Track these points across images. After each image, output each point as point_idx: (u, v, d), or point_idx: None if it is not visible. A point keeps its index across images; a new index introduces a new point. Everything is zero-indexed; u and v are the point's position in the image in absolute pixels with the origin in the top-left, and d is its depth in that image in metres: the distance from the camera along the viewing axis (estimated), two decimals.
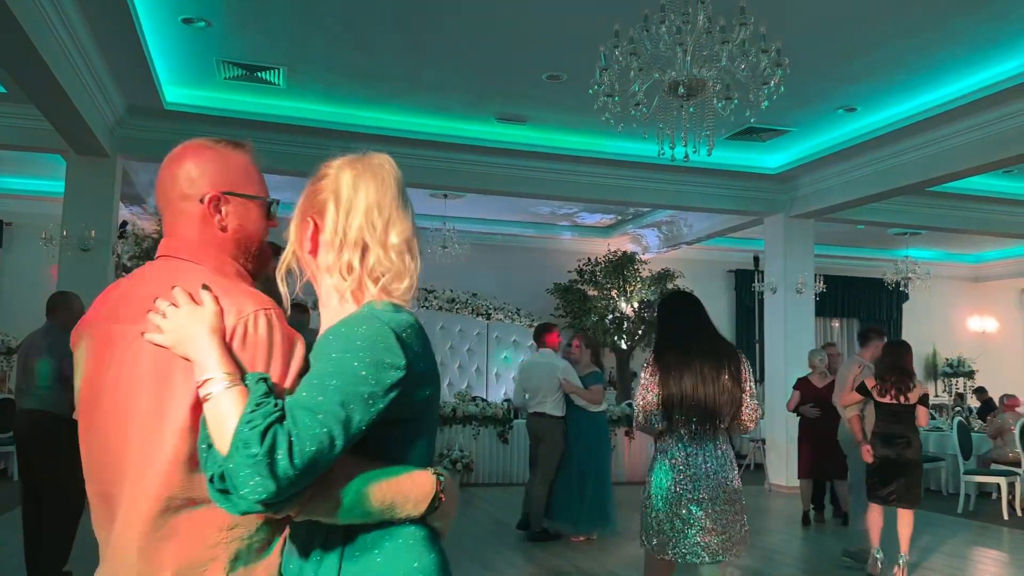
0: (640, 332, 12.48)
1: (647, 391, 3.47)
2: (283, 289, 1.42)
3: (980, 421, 10.43)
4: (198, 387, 1.27)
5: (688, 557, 3.34)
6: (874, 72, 6.71)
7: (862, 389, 5.61)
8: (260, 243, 1.52)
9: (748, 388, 3.45)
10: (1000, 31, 5.88)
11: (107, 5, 5.45)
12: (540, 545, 6.50)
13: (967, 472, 8.46)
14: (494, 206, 11.66)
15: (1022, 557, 6.56)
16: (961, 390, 14.70)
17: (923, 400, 5.46)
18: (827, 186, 9.28)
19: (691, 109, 4.61)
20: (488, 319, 12.67)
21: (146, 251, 10.54)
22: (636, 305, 12.46)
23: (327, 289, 1.40)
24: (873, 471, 5.53)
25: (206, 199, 1.45)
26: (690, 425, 3.40)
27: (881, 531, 5.63)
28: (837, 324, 15.48)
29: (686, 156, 4.70)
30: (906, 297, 14.90)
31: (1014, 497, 8.30)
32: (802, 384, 7.88)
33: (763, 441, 10.44)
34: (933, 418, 11.09)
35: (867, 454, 5.54)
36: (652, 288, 12.53)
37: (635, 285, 12.52)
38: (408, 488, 1.31)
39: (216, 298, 1.33)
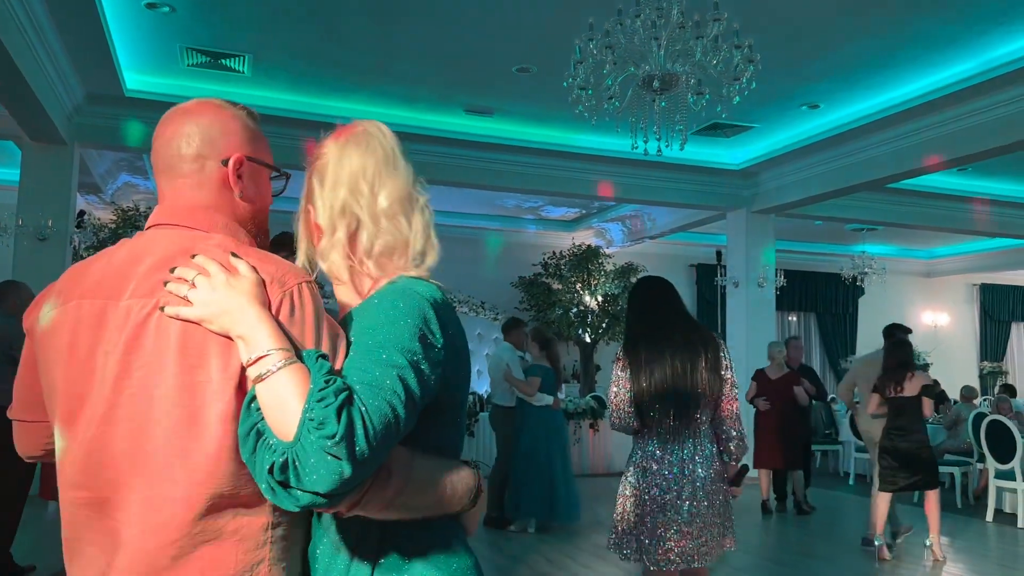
0: (604, 325, 12.56)
1: (618, 387, 3.21)
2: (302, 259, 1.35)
3: (934, 413, 10.70)
4: (248, 365, 1.10)
5: (661, 564, 3.09)
6: (837, 70, 6.84)
7: (875, 387, 5.92)
8: (266, 215, 1.40)
9: (729, 377, 3.20)
10: (958, 32, 6.03)
11: None
12: (509, 536, 6.52)
13: None
14: (459, 198, 11.60)
15: (972, 543, 6.76)
16: None
17: (926, 391, 5.70)
18: (789, 182, 9.43)
19: (663, 104, 4.65)
20: None
21: (103, 242, 10.28)
22: (600, 299, 12.54)
23: (332, 270, 1.32)
24: (886, 462, 5.79)
25: (231, 161, 1.29)
26: (666, 421, 3.13)
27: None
28: (794, 318, 15.76)
29: (659, 150, 4.74)
30: (862, 292, 15.23)
31: (967, 486, 8.55)
32: (758, 375, 8.03)
33: None
34: None
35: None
36: (616, 282, 12.62)
37: (599, 279, 12.59)
38: (456, 479, 1.24)
39: (254, 267, 1.18)
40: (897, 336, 6.19)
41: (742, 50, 4.33)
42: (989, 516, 7.51)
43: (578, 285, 12.54)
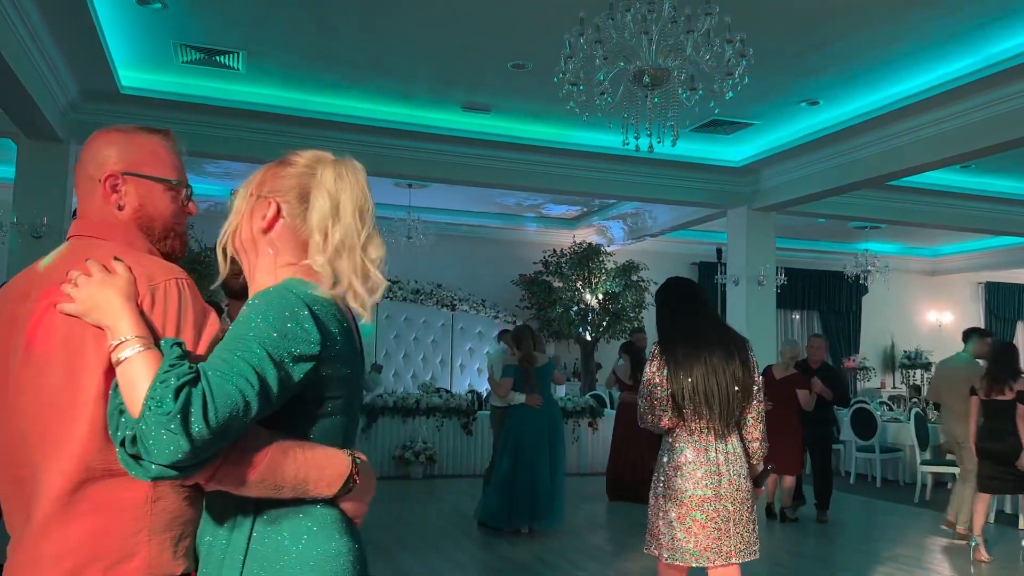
0: (605, 324, 12.51)
1: (654, 386, 3.20)
2: (221, 261, 1.44)
3: (936, 412, 10.62)
4: (111, 352, 1.26)
5: (700, 561, 3.11)
6: (836, 66, 6.76)
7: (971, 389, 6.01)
8: (166, 226, 1.54)
9: (756, 378, 3.24)
10: (957, 27, 5.95)
11: None
12: (502, 537, 6.48)
13: (924, 462, 8.61)
14: (459, 196, 11.58)
15: None
16: (918, 382, 14.97)
17: (1020, 397, 5.73)
18: (789, 179, 9.36)
19: (655, 100, 4.59)
20: (453, 310, 12.61)
21: None
22: (601, 297, 12.49)
23: (268, 271, 1.43)
24: (987, 464, 5.86)
25: (102, 179, 1.49)
26: (701, 420, 3.16)
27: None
28: (797, 316, 15.68)
29: (650, 147, 4.69)
30: (865, 290, 15.13)
31: None
32: (765, 373, 7.92)
33: None
34: (891, 409, 11.30)
35: None
36: (617, 280, 12.56)
37: (600, 277, 12.54)
38: (323, 464, 1.30)
39: (130, 267, 1.35)
40: (998, 341, 6.30)
41: (733, 44, 4.27)
42: (990, 517, 7.43)
43: (579, 283, 12.49)
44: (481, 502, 6.87)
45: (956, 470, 8.33)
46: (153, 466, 1.16)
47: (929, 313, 16.33)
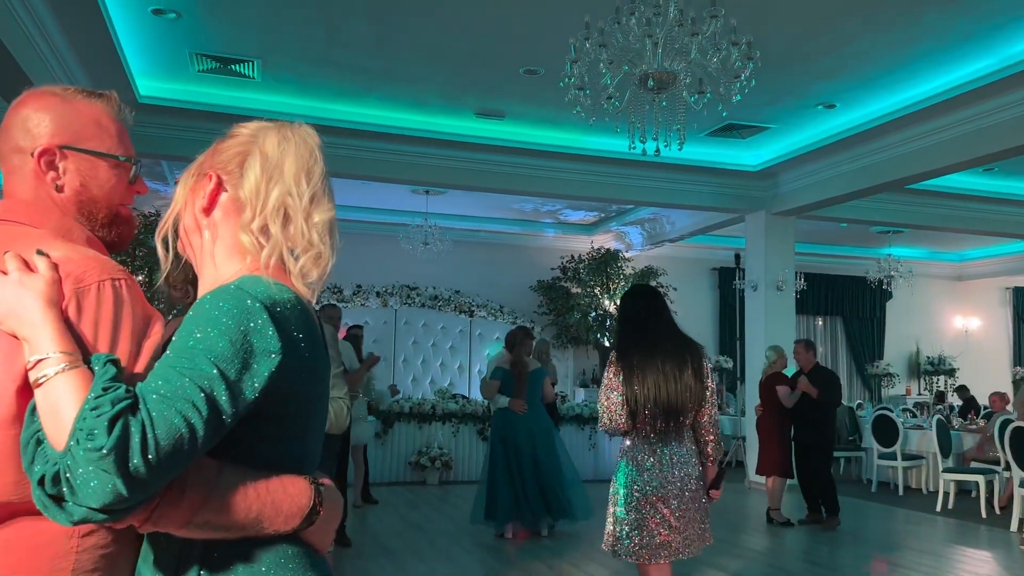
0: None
1: (611, 391, 3.37)
2: (161, 252, 1.24)
3: (961, 419, 10.44)
4: (29, 369, 1.04)
5: (652, 558, 3.30)
6: (852, 68, 6.69)
7: None
8: (112, 209, 1.31)
9: (709, 384, 3.39)
10: (975, 27, 5.86)
11: None
12: (515, 544, 6.44)
13: (946, 470, 8.46)
14: (477, 202, 11.59)
15: (999, 554, 6.55)
16: (942, 388, 14.74)
17: None
18: (808, 183, 9.26)
19: (663, 103, 4.57)
20: (471, 316, 12.62)
21: None
22: (619, 303, 12.42)
23: (217, 252, 1.23)
24: None
25: (35, 153, 1.25)
26: (655, 424, 3.33)
27: None
28: (820, 322, 15.50)
29: (657, 150, 4.65)
30: (890, 295, 14.93)
31: (993, 495, 8.31)
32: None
33: (743, 438, 10.42)
34: (914, 416, 11.12)
35: None
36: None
37: (618, 283, 12.49)
38: (279, 499, 1.12)
39: (55, 265, 1.12)
40: None
41: (739, 47, 4.23)
42: (1014, 526, 7.27)
43: (597, 289, 12.45)
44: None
45: (979, 478, 8.18)
46: (79, 509, 0.97)
47: (955, 319, 16.07)
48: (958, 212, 10.48)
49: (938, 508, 8.23)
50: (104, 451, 0.95)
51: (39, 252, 1.13)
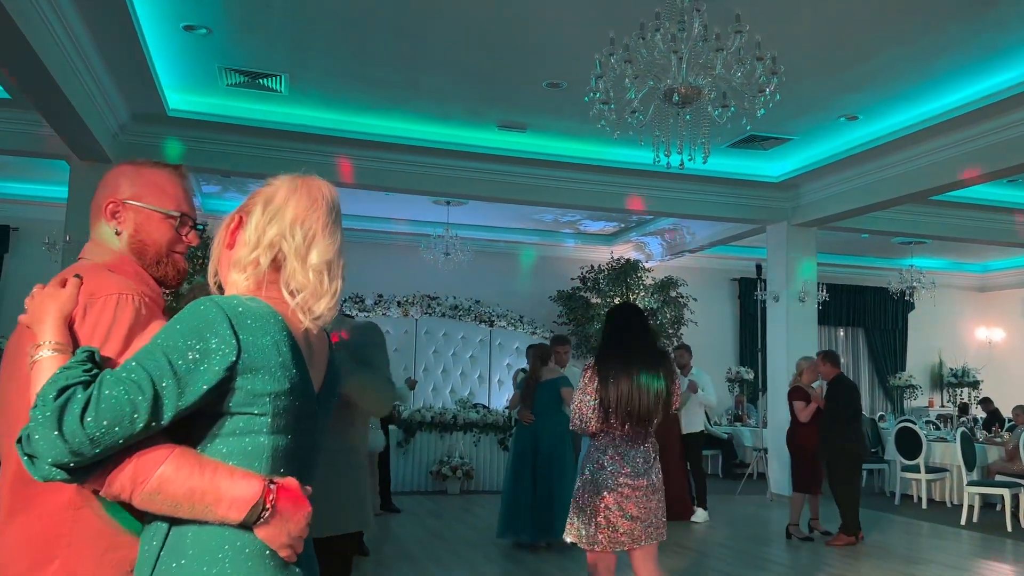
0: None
1: (584, 395, 3.71)
2: (212, 286, 1.44)
3: (985, 432, 10.35)
4: (31, 355, 1.32)
5: (616, 547, 3.65)
6: (875, 80, 6.70)
7: None
8: (159, 252, 1.62)
9: (676, 387, 3.79)
10: (999, 39, 5.86)
11: (109, 12, 5.49)
12: (535, 554, 6.47)
13: (971, 483, 8.39)
14: (497, 213, 11.66)
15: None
16: (965, 400, 14.60)
17: None
18: (830, 194, 9.26)
19: (687, 117, 4.61)
20: (491, 326, 12.66)
21: None
22: (605, 317, 12.41)
23: (230, 284, 1.42)
24: None
25: (104, 205, 1.61)
26: (624, 427, 3.66)
27: None
28: (843, 333, 15.41)
29: (682, 164, 4.70)
30: (912, 306, 14.83)
31: (1018, 508, 8.23)
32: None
33: (764, 450, 10.39)
34: (937, 428, 11.03)
35: None
36: (655, 296, 12.51)
37: (638, 293, 12.49)
38: (224, 485, 1.23)
39: (80, 284, 1.42)
40: None
41: (764, 62, 4.27)
42: None
43: (617, 299, 12.45)
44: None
45: (1005, 492, 8.11)
46: (42, 465, 1.17)
47: (978, 330, 15.92)
48: (981, 223, 10.42)
49: (963, 521, 8.16)
50: (48, 412, 1.16)
51: (76, 275, 1.43)
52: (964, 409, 13.45)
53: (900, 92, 6.94)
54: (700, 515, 8.06)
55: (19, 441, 1.19)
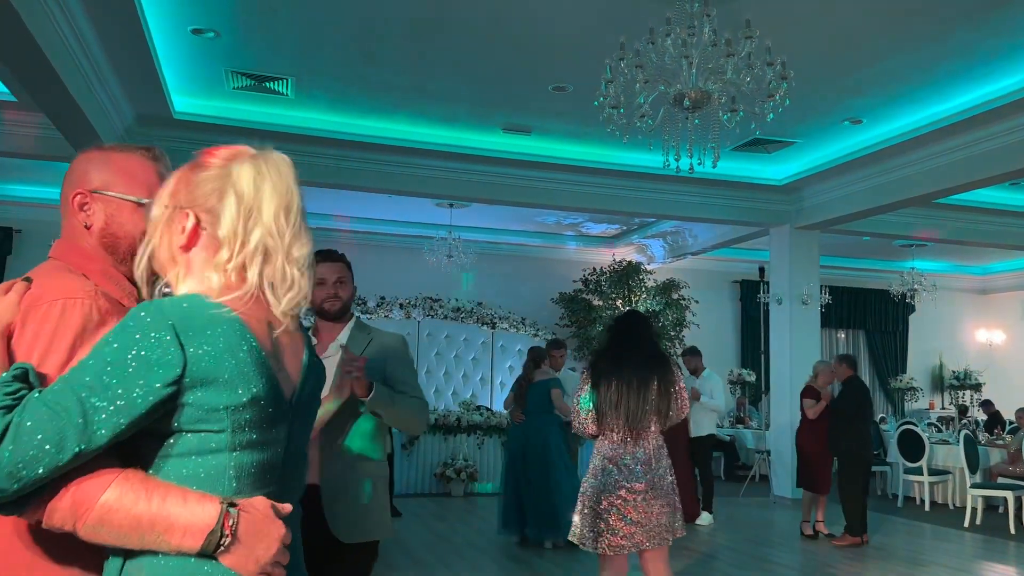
0: None
1: (582, 396, 3.84)
2: (146, 293, 1.31)
3: (987, 434, 10.38)
4: None
5: (617, 550, 3.67)
6: (879, 84, 6.73)
7: None
8: (133, 245, 1.41)
9: (679, 391, 3.82)
10: (1003, 44, 5.89)
11: (117, 15, 5.50)
12: (540, 555, 6.50)
13: (974, 486, 8.41)
14: (500, 215, 11.68)
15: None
16: (967, 403, 14.63)
17: None
18: (833, 198, 9.28)
19: (696, 121, 4.63)
20: (493, 328, 12.68)
21: None
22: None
23: (187, 284, 1.27)
24: None
25: (71, 196, 1.46)
26: (619, 430, 3.72)
27: None
28: (843, 335, 15.44)
29: (691, 168, 4.72)
30: (913, 309, 14.86)
31: (1021, 510, 8.25)
32: None
33: (767, 452, 10.41)
34: (939, 431, 11.06)
35: None
36: (657, 298, 12.53)
37: (640, 295, 12.52)
38: (175, 512, 1.10)
39: (22, 290, 1.28)
40: None
41: (774, 67, 4.29)
42: None
43: (619, 302, 12.48)
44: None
45: (1008, 494, 8.13)
46: None
47: (979, 332, 15.96)
48: (982, 226, 10.45)
49: (966, 524, 8.19)
50: None
51: (26, 278, 1.31)
52: (964, 411, 13.47)
53: (904, 96, 6.97)
54: (705, 518, 8.08)
55: None
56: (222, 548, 1.12)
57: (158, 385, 1.10)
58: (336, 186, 8.33)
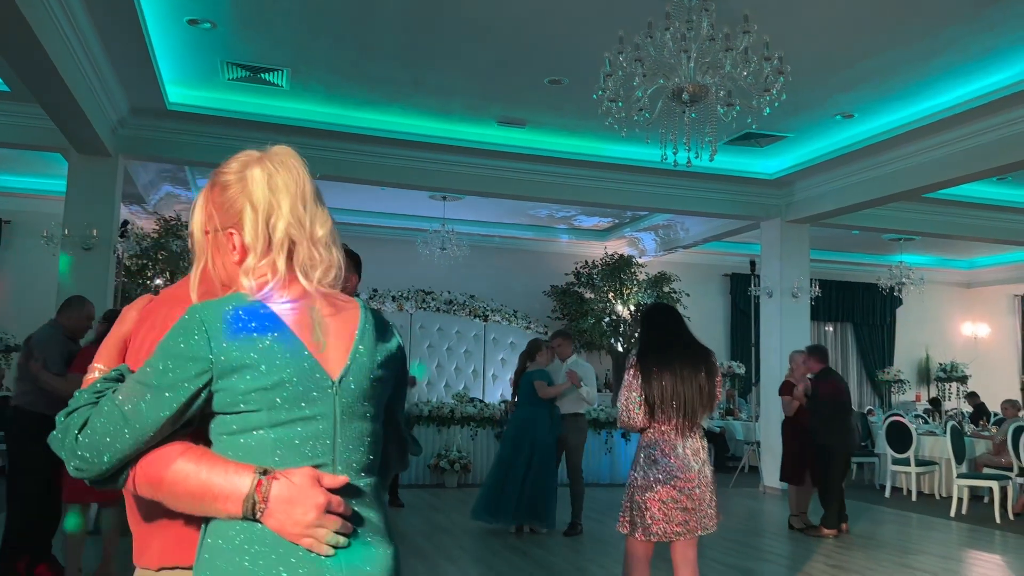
0: (636, 335, 12.55)
1: (630, 391, 3.77)
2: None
3: (973, 425, 10.52)
4: None
5: (670, 537, 3.74)
6: (872, 79, 6.80)
7: None
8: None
9: (718, 382, 3.86)
10: (994, 41, 5.97)
11: (114, 4, 5.49)
12: (538, 543, 6.55)
13: (960, 476, 8.54)
14: (492, 208, 11.71)
15: (1014, 559, 6.64)
16: (940, 396, 14.81)
17: None
18: (823, 192, 9.37)
19: (693, 115, 4.68)
20: (485, 321, 12.72)
21: (145, 250, 10.54)
22: (632, 308, 12.54)
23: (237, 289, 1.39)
24: None
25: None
26: (671, 421, 3.73)
27: None
28: (831, 328, 15.57)
29: (688, 161, 4.77)
30: (900, 302, 15.01)
31: (1006, 500, 8.38)
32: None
33: (757, 443, 10.52)
34: (926, 422, 11.20)
35: None
36: (648, 291, 12.61)
37: (631, 288, 12.59)
38: (218, 482, 1.24)
39: (143, 308, 1.47)
40: None
41: (771, 62, 4.34)
42: None
43: (610, 294, 12.55)
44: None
45: (994, 484, 8.27)
46: (75, 470, 1.27)
47: (964, 325, 16.15)
48: (969, 220, 10.57)
49: (952, 513, 8.31)
50: (57, 431, 1.27)
51: (154, 290, 1.52)
52: (936, 403, 13.54)
53: (896, 91, 7.04)
54: None
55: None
56: (259, 513, 1.24)
57: (188, 376, 1.26)
58: (330, 178, 8.33)
